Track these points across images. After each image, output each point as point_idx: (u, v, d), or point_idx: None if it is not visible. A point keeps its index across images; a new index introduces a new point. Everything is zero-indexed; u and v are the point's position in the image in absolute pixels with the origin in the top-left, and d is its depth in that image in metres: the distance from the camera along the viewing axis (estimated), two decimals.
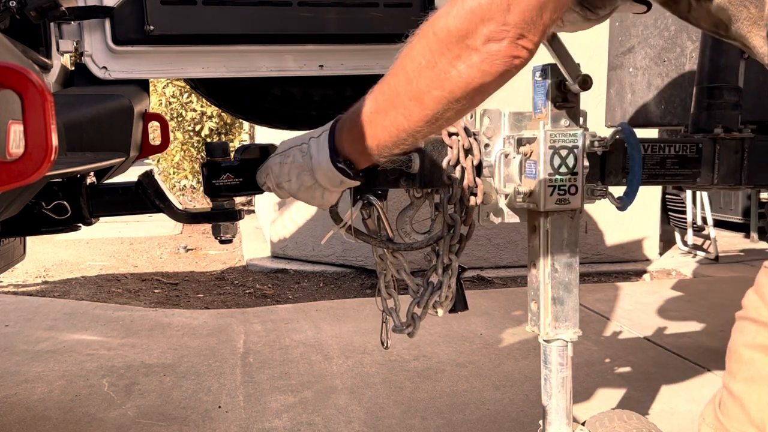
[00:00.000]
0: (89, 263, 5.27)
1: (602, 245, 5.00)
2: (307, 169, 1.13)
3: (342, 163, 1.09)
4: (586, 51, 4.52)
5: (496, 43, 0.85)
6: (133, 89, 1.56)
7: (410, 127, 0.97)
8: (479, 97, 0.93)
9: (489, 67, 0.87)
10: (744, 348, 0.95)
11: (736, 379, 0.95)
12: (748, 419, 0.92)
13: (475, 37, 0.85)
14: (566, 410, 1.40)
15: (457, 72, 0.88)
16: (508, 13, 0.83)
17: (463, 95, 0.91)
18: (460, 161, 1.28)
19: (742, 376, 0.94)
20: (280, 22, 1.63)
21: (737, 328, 0.98)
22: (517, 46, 0.85)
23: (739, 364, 0.95)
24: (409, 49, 0.94)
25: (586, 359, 2.91)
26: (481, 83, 0.89)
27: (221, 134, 7.73)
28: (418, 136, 0.99)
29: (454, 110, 0.93)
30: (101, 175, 1.62)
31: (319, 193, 1.15)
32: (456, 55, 0.87)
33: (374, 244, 1.35)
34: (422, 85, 0.92)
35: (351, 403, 2.51)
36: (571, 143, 1.28)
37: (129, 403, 2.52)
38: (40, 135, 0.73)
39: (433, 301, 1.35)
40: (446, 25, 0.88)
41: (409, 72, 0.93)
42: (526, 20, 0.84)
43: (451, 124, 1.00)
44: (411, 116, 0.96)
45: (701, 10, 0.97)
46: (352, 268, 4.85)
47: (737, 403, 0.94)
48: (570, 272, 1.33)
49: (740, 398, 0.94)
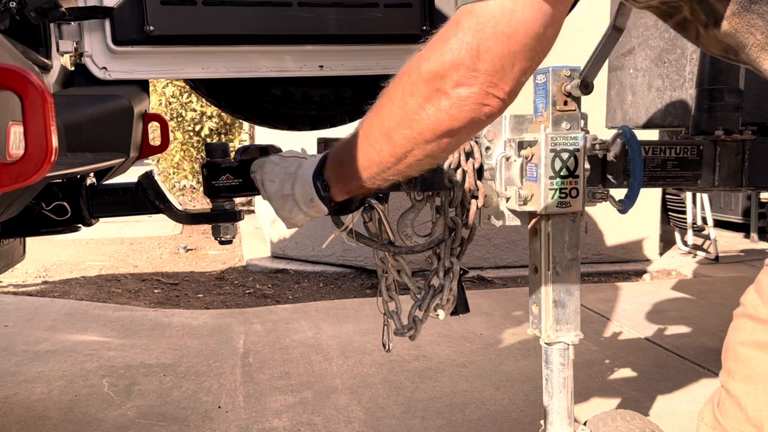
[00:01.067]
0: (89, 263, 5.27)
1: (602, 245, 5.00)
2: (291, 177, 1.15)
3: (320, 182, 1.10)
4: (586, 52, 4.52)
5: (466, 88, 0.85)
6: (133, 90, 1.56)
7: (381, 162, 0.98)
8: (448, 141, 0.93)
9: (457, 113, 0.87)
10: (741, 346, 0.94)
11: (733, 377, 0.95)
12: (745, 418, 0.92)
13: (445, 81, 0.86)
14: (567, 410, 1.40)
15: (426, 114, 0.89)
16: (478, 59, 0.83)
17: (432, 137, 0.91)
18: (461, 164, 1.28)
19: (739, 375, 0.94)
20: (280, 22, 1.63)
21: (734, 326, 0.97)
22: (488, 95, 0.85)
23: (736, 363, 0.95)
24: (388, 87, 0.95)
25: (586, 359, 2.91)
26: (449, 128, 0.89)
27: (221, 134, 7.73)
28: (388, 173, 1.00)
29: (422, 151, 0.94)
30: (101, 175, 1.62)
31: (290, 205, 1.16)
32: (426, 97, 0.88)
33: (375, 248, 1.35)
34: (393, 123, 0.93)
35: (351, 403, 2.51)
36: (572, 146, 1.27)
37: (129, 403, 2.52)
38: (41, 136, 0.73)
39: (435, 304, 1.35)
40: (419, 67, 0.88)
41: (384, 109, 0.95)
42: (496, 69, 0.83)
43: (425, 166, 0.99)
44: (381, 151, 0.97)
45: (709, 37, 0.97)
46: (352, 268, 4.85)
47: (735, 403, 0.94)
48: (571, 275, 1.33)
49: (738, 397, 0.93)
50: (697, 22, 0.96)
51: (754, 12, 0.88)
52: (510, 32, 0.82)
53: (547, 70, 1.27)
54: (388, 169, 0.99)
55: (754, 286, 0.96)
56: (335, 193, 1.11)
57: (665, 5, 0.98)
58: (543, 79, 1.28)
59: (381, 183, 1.05)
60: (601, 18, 4.17)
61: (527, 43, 0.83)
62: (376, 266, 1.44)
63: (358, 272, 4.80)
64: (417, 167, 0.99)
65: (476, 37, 0.83)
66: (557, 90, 1.26)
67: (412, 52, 0.93)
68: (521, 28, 0.82)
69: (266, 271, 5.02)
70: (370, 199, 1.28)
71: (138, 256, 5.66)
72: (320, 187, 1.10)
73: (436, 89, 0.86)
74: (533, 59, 0.85)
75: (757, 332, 0.92)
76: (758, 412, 0.90)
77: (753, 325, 0.93)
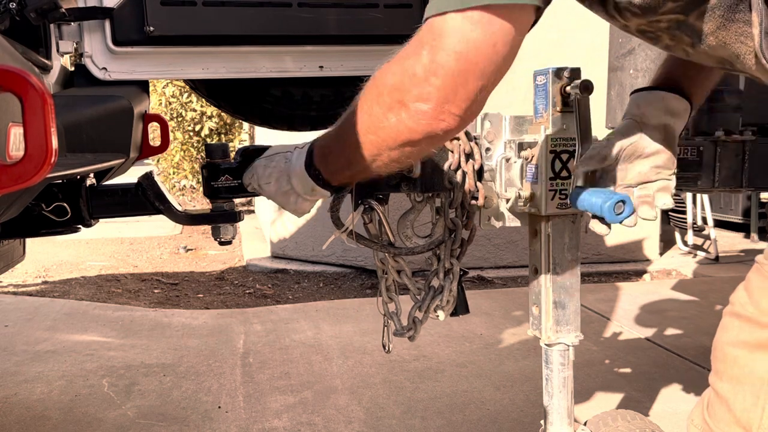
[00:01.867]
0: (89, 263, 5.27)
1: (602, 245, 5.00)
2: (285, 174, 1.16)
3: (313, 171, 1.13)
4: (586, 52, 4.53)
5: (423, 103, 0.87)
6: (133, 90, 1.56)
7: (357, 162, 1.02)
8: (410, 150, 0.96)
9: (415, 125, 0.90)
10: (728, 346, 0.94)
11: (721, 378, 0.94)
12: (734, 420, 0.91)
13: (406, 95, 0.88)
14: (567, 410, 1.40)
15: (389, 123, 0.92)
16: (434, 76, 0.85)
17: (394, 145, 0.95)
18: (461, 165, 1.28)
19: (727, 376, 0.93)
20: (280, 23, 1.63)
21: (722, 325, 0.97)
22: (443, 111, 0.87)
23: (724, 364, 0.94)
24: (362, 92, 0.99)
25: (586, 359, 2.91)
26: (408, 138, 0.92)
27: (221, 134, 7.73)
28: (367, 171, 1.04)
29: (387, 156, 0.98)
30: (101, 176, 1.62)
31: (293, 198, 1.18)
32: (389, 106, 0.91)
33: (376, 249, 1.35)
34: (362, 128, 0.97)
35: (351, 403, 2.51)
36: (572, 147, 1.27)
37: (129, 403, 2.52)
38: (40, 138, 0.73)
39: (435, 305, 1.35)
40: (384, 78, 0.92)
41: (357, 114, 0.98)
42: (448, 86, 0.85)
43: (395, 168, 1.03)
44: (355, 153, 1.00)
45: (699, 54, 0.96)
46: (352, 269, 4.85)
47: (723, 404, 0.93)
48: (571, 276, 1.33)
49: (726, 398, 0.93)
50: (681, 44, 0.96)
51: (740, 21, 0.87)
52: (462, 51, 0.83)
53: (547, 71, 1.26)
54: (365, 168, 1.03)
55: (744, 284, 0.95)
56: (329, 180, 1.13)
57: (643, 35, 0.98)
58: (543, 80, 1.28)
59: (364, 177, 1.09)
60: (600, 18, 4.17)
61: (479, 63, 0.84)
62: (376, 267, 1.44)
63: (358, 272, 4.80)
64: (389, 168, 1.02)
65: (431, 53, 0.85)
66: (557, 91, 1.26)
67: None
68: (472, 47, 0.83)
69: (266, 271, 5.02)
70: (370, 200, 1.28)
71: (138, 256, 5.66)
72: (315, 176, 1.12)
73: (398, 101, 0.90)
74: (488, 78, 0.87)
75: (744, 332, 0.91)
76: (746, 413, 0.89)
77: (740, 325, 0.92)
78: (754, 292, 0.92)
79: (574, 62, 1.27)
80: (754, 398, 0.88)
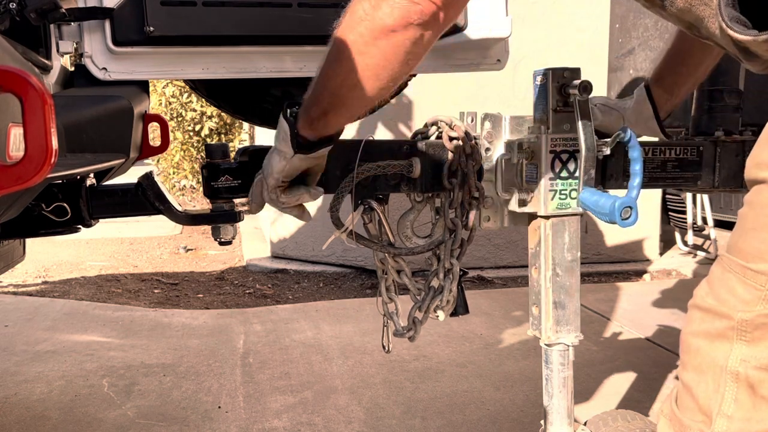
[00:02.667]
0: (89, 263, 5.27)
1: (602, 245, 5.00)
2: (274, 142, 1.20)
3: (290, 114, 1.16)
4: (585, 52, 4.53)
5: None
6: (133, 90, 1.55)
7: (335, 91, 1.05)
8: (392, 51, 0.98)
9: (390, 10, 0.94)
10: (691, 336, 0.95)
11: (686, 369, 0.96)
12: (697, 407, 0.93)
13: None
14: (567, 410, 1.40)
15: (366, 15, 0.97)
16: None
17: (371, 39, 0.98)
18: (461, 166, 1.28)
19: (690, 366, 0.95)
20: (280, 23, 1.62)
21: (686, 317, 0.99)
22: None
23: (688, 354, 0.96)
24: None
25: (586, 359, 2.91)
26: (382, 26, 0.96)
27: (221, 134, 7.73)
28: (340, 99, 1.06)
29: (364, 59, 0.99)
30: (101, 176, 1.62)
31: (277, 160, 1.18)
32: (372, 5, 0.96)
33: (375, 249, 1.35)
34: (345, 27, 1.01)
35: (351, 403, 2.51)
36: (572, 147, 1.27)
37: (129, 403, 2.52)
38: (40, 138, 0.73)
39: (435, 306, 1.35)
40: None
41: (341, 24, 1.03)
42: None
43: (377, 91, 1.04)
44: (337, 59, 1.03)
45: (670, 15, 1.00)
46: (352, 269, 4.85)
47: (688, 393, 0.95)
48: (571, 276, 1.33)
49: (690, 387, 0.95)
50: (655, 6, 1.00)
51: None
52: None
53: (547, 71, 1.27)
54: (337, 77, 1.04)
55: (707, 276, 0.97)
56: (301, 125, 1.15)
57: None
58: (543, 80, 1.28)
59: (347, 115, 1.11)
60: (600, 18, 4.17)
61: None
62: (376, 267, 1.44)
63: (358, 272, 4.80)
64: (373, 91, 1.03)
65: None
66: (557, 91, 1.26)
67: None
68: None
69: (266, 271, 5.02)
70: (370, 200, 1.28)
71: (138, 256, 5.66)
72: (292, 119, 1.15)
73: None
74: None
75: (704, 323, 0.93)
76: (708, 401, 0.91)
77: (701, 316, 0.94)
78: (713, 284, 0.94)
79: (573, 62, 1.27)
80: (715, 385, 0.90)
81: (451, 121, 1.32)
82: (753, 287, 0.87)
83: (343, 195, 1.27)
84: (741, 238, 0.90)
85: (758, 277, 0.86)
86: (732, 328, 0.88)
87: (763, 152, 0.91)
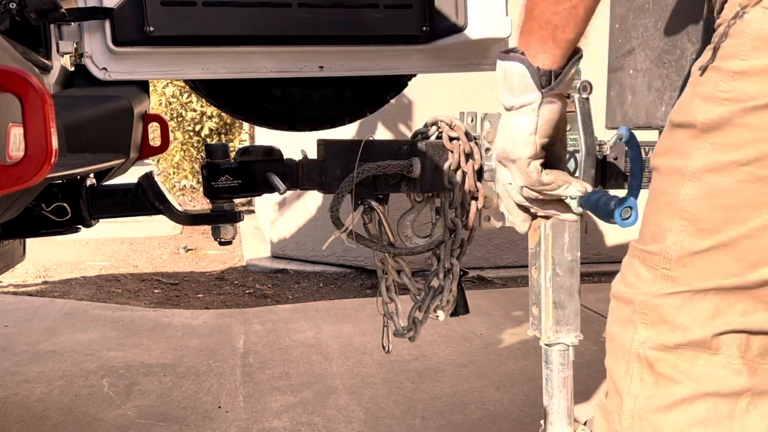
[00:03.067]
0: (89, 263, 5.27)
1: (602, 245, 5.00)
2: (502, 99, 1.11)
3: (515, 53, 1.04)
4: (585, 52, 4.52)
5: None
6: (133, 90, 1.56)
7: None
8: None
9: None
10: (609, 325, 1.00)
11: (608, 355, 1.01)
12: (615, 390, 0.97)
13: None
14: (567, 410, 1.40)
15: None
16: None
17: None
18: (461, 166, 1.28)
19: (609, 351, 1.00)
20: (280, 23, 1.62)
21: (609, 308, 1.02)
22: None
23: (608, 342, 1.00)
24: None
25: (586, 359, 2.91)
26: None
27: (221, 134, 7.72)
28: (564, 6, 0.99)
29: None
30: (101, 176, 1.62)
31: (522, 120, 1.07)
32: None
33: (375, 249, 1.35)
34: None
35: (351, 403, 2.51)
36: (572, 147, 1.27)
37: (129, 403, 2.52)
38: (41, 138, 0.73)
39: (435, 306, 1.35)
40: None
41: None
42: None
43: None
44: None
45: None
46: (352, 268, 4.85)
47: (609, 378, 1.00)
48: (571, 276, 1.33)
49: (610, 372, 0.99)
50: None
51: None
52: None
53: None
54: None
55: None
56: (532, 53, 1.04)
57: None
58: None
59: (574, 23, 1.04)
60: (600, 18, 4.17)
61: None
62: (376, 267, 1.44)
63: (358, 272, 4.80)
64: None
65: None
66: None
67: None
68: None
69: (266, 271, 5.03)
70: (370, 200, 1.28)
71: (138, 256, 5.66)
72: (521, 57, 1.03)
73: None
74: None
75: (617, 309, 0.97)
76: (621, 382, 0.96)
77: (615, 304, 0.98)
78: (623, 271, 0.98)
79: None
80: (625, 367, 0.95)
81: (451, 121, 1.33)
82: (650, 268, 0.91)
83: (343, 195, 1.27)
84: (642, 224, 0.96)
85: (653, 258, 0.91)
86: (635, 312, 0.93)
87: (661, 142, 0.94)
